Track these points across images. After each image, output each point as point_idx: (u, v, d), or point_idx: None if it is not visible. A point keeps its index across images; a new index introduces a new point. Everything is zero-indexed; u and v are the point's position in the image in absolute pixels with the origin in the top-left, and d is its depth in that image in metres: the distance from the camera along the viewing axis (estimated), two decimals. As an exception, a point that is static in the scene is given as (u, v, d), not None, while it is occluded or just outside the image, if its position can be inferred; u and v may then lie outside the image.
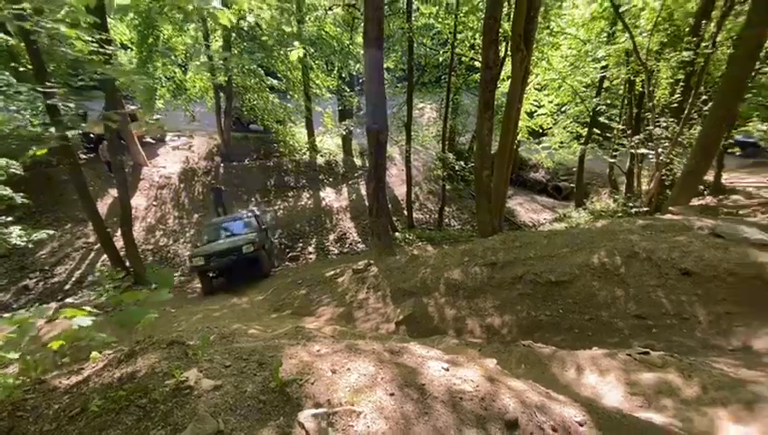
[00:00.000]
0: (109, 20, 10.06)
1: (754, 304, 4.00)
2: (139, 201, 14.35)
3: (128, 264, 10.46)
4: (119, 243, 11.09)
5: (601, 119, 12.62)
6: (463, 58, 14.97)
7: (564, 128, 13.81)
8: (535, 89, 13.82)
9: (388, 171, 15.36)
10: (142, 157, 15.64)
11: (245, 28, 12.81)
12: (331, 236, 14.23)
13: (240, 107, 16.75)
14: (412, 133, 14.22)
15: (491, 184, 8.32)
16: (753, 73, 9.09)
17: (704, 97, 8.67)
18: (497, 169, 8.44)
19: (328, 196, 16.55)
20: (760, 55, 7.21)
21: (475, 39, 13.61)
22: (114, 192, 13.99)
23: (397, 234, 12.65)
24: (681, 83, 9.26)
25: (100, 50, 5.46)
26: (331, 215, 15.51)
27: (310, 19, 11.47)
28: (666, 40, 10.01)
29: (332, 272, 7.45)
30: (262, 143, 18.72)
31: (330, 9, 13.52)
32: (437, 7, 13.39)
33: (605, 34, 11.80)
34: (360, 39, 14.79)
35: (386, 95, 8.24)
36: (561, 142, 14.33)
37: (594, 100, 12.82)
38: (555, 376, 2.74)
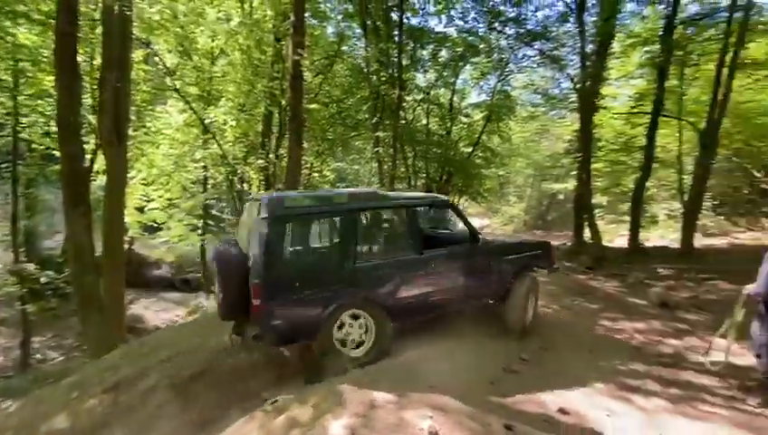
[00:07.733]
0: None
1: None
2: None
3: None
4: None
5: (213, 211, 14.01)
6: (34, 146, 12.12)
7: (180, 221, 14.06)
8: (142, 184, 13.36)
9: None
10: None
11: None
12: None
13: None
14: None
15: (100, 291, 7.02)
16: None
17: (281, 192, 11.82)
18: (108, 273, 7.29)
19: None
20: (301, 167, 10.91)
21: (49, 126, 11.43)
22: None
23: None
24: (264, 182, 12.16)
25: None
26: None
27: None
28: (247, 149, 12.88)
29: None
30: None
31: None
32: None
33: (200, 140, 13.47)
34: None
35: None
36: (180, 235, 14.42)
37: (202, 195, 14.06)
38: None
